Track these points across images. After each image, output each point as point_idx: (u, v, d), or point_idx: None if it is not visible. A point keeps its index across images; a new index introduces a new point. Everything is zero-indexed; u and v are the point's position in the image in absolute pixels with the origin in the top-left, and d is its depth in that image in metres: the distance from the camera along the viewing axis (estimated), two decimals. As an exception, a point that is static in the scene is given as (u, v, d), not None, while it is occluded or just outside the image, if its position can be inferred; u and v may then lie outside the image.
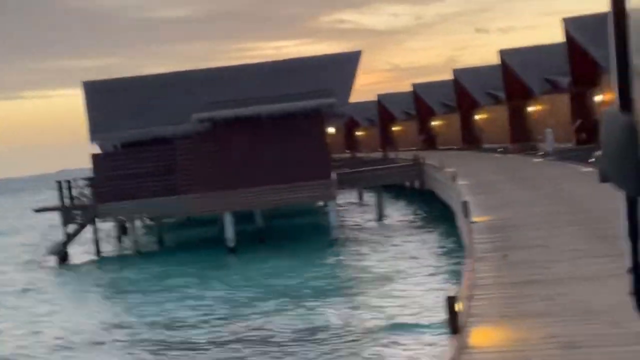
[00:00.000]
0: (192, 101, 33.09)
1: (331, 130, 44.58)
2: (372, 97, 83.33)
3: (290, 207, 36.38)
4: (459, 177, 21.94)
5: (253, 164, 30.70)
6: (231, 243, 30.97)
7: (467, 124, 59.97)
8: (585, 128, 36.85)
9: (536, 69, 43.81)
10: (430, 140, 67.42)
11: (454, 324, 6.76)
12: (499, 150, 38.72)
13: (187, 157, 30.84)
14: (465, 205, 13.57)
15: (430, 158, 36.40)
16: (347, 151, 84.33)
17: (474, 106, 57.64)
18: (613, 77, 1.73)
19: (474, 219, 13.26)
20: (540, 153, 34.33)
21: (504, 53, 48.10)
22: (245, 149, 30.76)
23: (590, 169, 21.18)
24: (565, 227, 12.43)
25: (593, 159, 23.78)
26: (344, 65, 34.89)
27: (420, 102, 68.26)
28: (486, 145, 53.61)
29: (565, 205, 15.45)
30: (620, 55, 1.71)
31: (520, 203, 15.96)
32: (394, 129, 79.63)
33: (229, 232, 31.02)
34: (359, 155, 67.74)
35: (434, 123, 68.80)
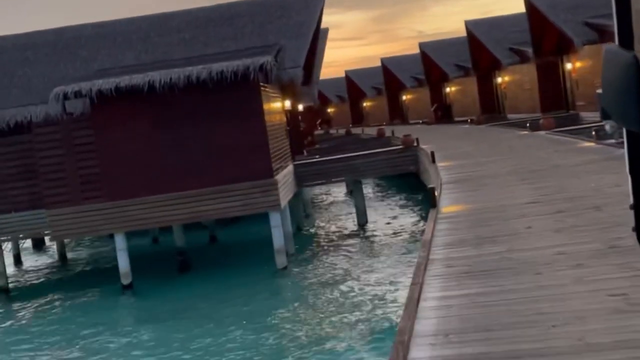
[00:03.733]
0: (67, 71, 22.69)
1: (291, 107, 33.96)
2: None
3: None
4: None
5: (153, 163, 20.30)
6: (126, 279, 20.64)
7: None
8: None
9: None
10: (444, 110, 56.42)
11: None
12: (528, 124, 27.71)
13: (51, 154, 20.44)
14: None
15: (422, 138, 25.70)
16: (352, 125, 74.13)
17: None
18: (614, 12, 1.67)
19: None
20: (594, 131, 21.26)
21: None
22: (139, 140, 20.32)
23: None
24: None
25: None
26: (298, 13, 24.17)
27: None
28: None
29: None
30: None
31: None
32: (404, 98, 68.82)
33: (122, 261, 20.67)
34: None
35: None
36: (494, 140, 24.33)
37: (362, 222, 26.59)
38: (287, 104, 26.42)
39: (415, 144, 25.93)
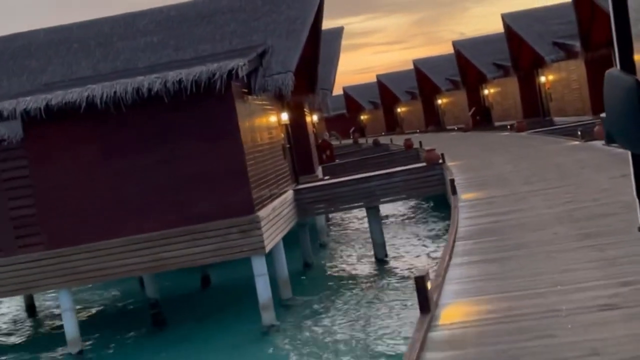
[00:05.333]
0: (10, 86, 18.71)
1: (313, 119, 29.60)
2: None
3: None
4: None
5: (103, 199, 16.07)
6: (75, 347, 16.37)
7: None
8: None
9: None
10: (482, 115, 51.38)
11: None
12: (579, 131, 22.82)
13: (-26, 192, 16.29)
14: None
15: (453, 151, 21.03)
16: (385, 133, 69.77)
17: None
18: (614, 38, 1.69)
19: None
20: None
21: None
22: (85, 172, 16.10)
23: None
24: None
25: None
26: (290, 7, 19.75)
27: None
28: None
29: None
30: (620, 15, 1.67)
31: None
32: (440, 102, 63.87)
33: (69, 325, 16.41)
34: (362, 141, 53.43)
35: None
36: (538, 155, 19.57)
37: (381, 256, 22.02)
38: (285, 116, 21.97)
39: (440, 160, 21.31)
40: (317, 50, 22.49)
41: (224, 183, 16.10)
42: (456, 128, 48.96)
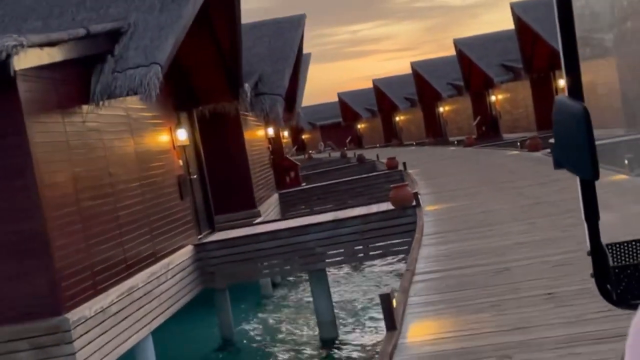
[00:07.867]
0: None
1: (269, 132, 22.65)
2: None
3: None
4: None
5: None
6: None
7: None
8: None
9: None
10: (489, 125, 44.10)
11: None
12: (626, 160, 15.69)
13: None
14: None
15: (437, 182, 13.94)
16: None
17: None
18: (562, 64, 1.71)
19: None
20: None
21: None
22: None
23: None
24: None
25: None
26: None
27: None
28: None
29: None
30: (568, 41, 1.70)
31: None
32: (441, 110, 56.59)
33: None
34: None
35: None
36: (563, 201, 12.37)
37: (329, 337, 14.85)
38: (182, 134, 14.77)
39: (413, 202, 14.10)
40: (236, 38, 15.34)
41: (9, 259, 9.02)
42: (456, 142, 41.67)
